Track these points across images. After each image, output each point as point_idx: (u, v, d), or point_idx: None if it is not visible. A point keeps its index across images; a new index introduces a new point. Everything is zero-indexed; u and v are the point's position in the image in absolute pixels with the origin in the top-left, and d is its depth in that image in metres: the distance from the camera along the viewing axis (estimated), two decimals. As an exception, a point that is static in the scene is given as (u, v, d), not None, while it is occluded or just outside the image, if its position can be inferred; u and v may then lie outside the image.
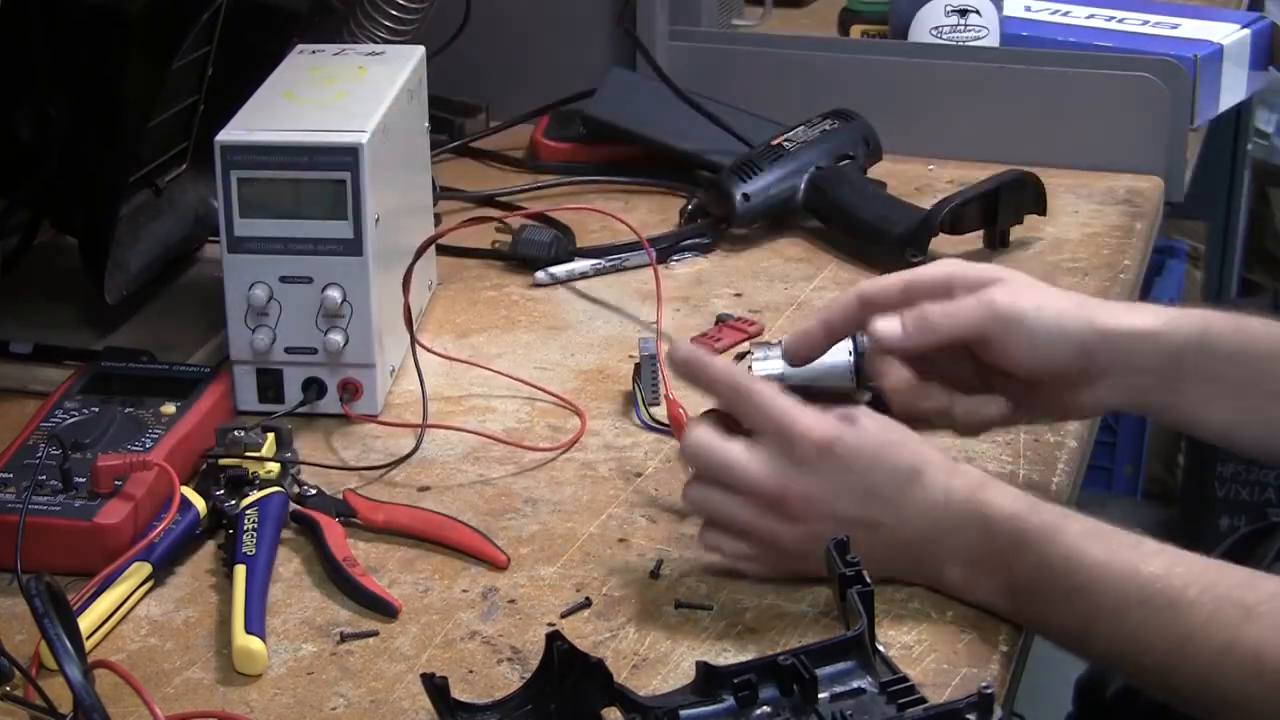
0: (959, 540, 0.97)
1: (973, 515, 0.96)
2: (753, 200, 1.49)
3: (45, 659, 0.91)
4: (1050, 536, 0.94)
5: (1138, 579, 0.91)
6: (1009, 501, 0.96)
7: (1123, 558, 0.92)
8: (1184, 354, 1.03)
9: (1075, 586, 0.92)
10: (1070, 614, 0.93)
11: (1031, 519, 0.95)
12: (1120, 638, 0.91)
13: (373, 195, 1.16)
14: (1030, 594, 0.95)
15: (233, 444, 1.09)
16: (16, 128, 1.29)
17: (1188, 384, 1.04)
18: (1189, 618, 0.89)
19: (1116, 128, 1.64)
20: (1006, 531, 0.95)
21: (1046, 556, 0.93)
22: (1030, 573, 0.94)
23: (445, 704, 0.85)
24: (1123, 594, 0.91)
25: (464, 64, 1.70)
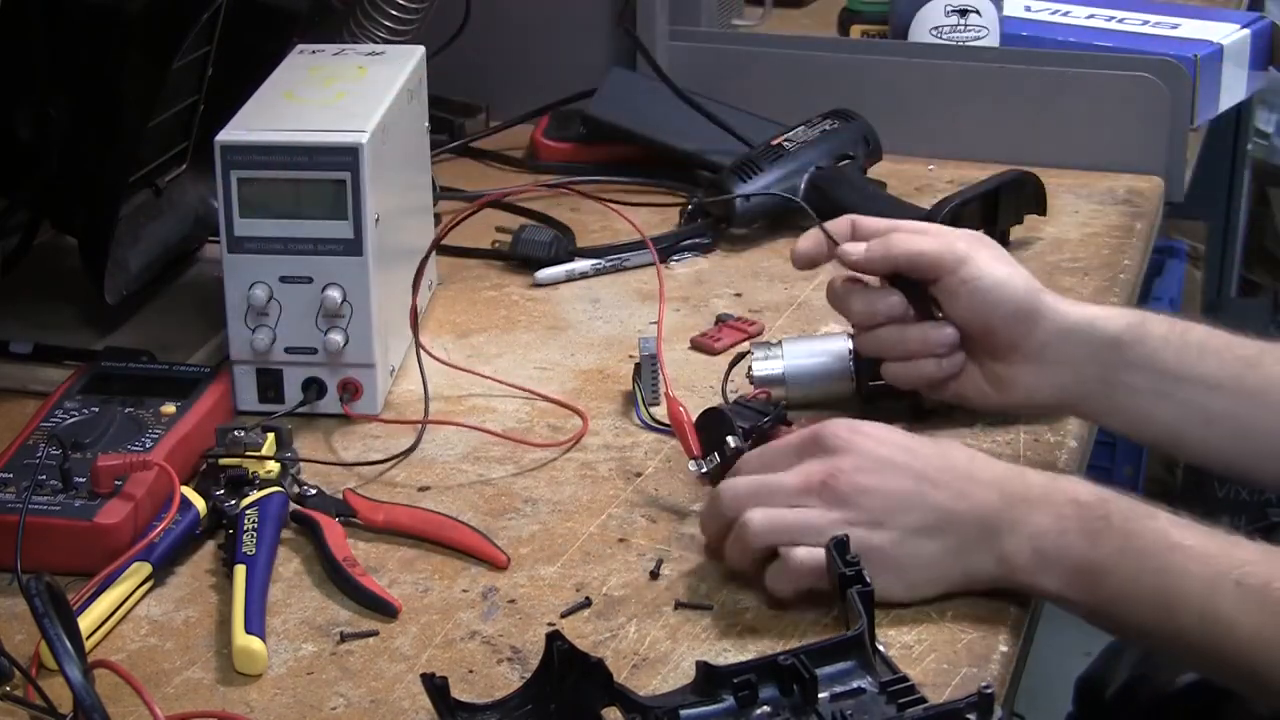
0: (1038, 516, 0.95)
1: (1054, 493, 0.96)
2: (753, 200, 1.49)
3: (45, 659, 0.91)
4: (1141, 516, 0.94)
5: (1231, 561, 0.91)
6: (1094, 486, 0.96)
7: (1215, 542, 0.93)
8: (1120, 340, 1.06)
9: (1167, 564, 0.92)
10: (1155, 592, 0.92)
11: (1120, 501, 0.95)
12: (1207, 618, 0.91)
13: (373, 195, 1.16)
14: (1111, 572, 0.94)
15: (233, 444, 1.09)
16: (16, 128, 1.29)
17: (1126, 372, 1.05)
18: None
19: (1116, 128, 1.64)
20: (1094, 509, 0.95)
21: (1136, 535, 0.93)
22: (1117, 550, 0.93)
23: (445, 704, 0.85)
24: (1216, 573, 0.91)
25: (464, 64, 1.70)
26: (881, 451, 0.98)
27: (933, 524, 0.97)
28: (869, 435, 0.99)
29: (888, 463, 0.98)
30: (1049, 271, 1.44)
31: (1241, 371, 1.06)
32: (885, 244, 1.11)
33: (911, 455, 0.98)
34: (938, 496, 0.97)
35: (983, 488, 0.97)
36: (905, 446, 0.99)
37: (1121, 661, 1.46)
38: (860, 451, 0.98)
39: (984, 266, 1.08)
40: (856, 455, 0.98)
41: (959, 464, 0.98)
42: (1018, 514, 0.96)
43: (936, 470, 0.97)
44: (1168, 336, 1.07)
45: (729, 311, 1.37)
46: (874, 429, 1.00)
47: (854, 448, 0.98)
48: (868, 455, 0.98)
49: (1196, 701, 1.32)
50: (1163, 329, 1.07)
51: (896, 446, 0.98)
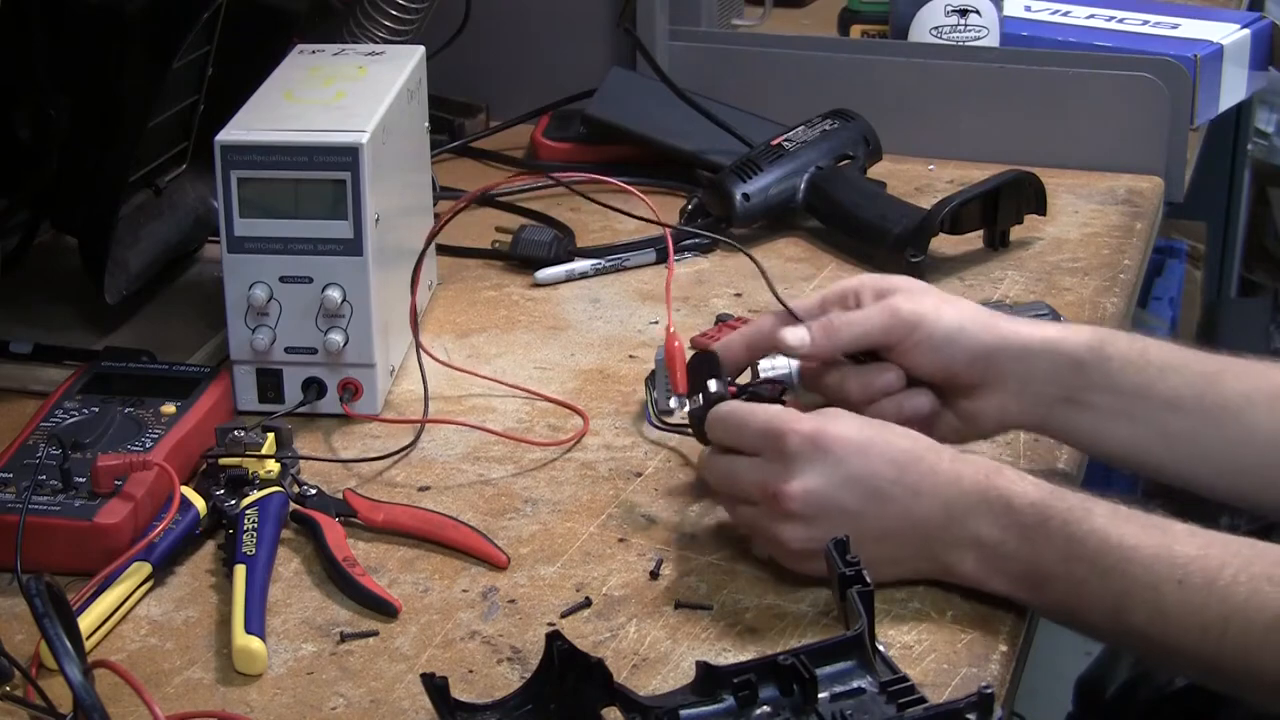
0: (976, 525, 0.96)
1: (992, 500, 0.96)
2: (753, 200, 1.49)
3: (45, 659, 0.91)
4: (1079, 519, 0.93)
5: (1173, 559, 0.91)
6: (1029, 487, 0.96)
7: (1155, 539, 0.92)
8: (1082, 361, 1.06)
9: (1109, 568, 0.92)
10: (1103, 597, 0.93)
11: (1056, 503, 0.94)
12: (1156, 618, 0.91)
13: (373, 195, 1.16)
14: (1056, 579, 0.94)
15: (233, 444, 1.09)
16: (16, 128, 1.29)
17: (1087, 393, 1.05)
18: (1228, 597, 0.89)
19: (1116, 128, 1.64)
20: (1031, 516, 0.95)
21: (1076, 539, 0.93)
22: (1058, 557, 0.94)
23: (445, 704, 0.85)
24: (1159, 575, 0.91)
25: (464, 64, 1.70)
26: (838, 467, 0.98)
27: (875, 535, 0.97)
28: (829, 444, 0.98)
29: (842, 481, 0.97)
30: (1049, 271, 1.44)
31: (1202, 389, 1.06)
32: (827, 330, 1.08)
33: (864, 468, 0.98)
34: (884, 512, 0.97)
35: (924, 501, 0.97)
36: (860, 456, 0.98)
37: (1121, 661, 1.46)
38: (817, 468, 0.98)
39: (933, 324, 1.06)
40: (813, 474, 0.98)
41: (907, 473, 0.97)
42: (957, 526, 0.97)
43: (886, 483, 0.97)
44: (1128, 356, 1.06)
45: (729, 311, 1.37)
46: (836, 432, 0.98)
47: (813, 463, 0.98)
48: (823, 474, 0.98)
49: (1196, 701, 1.33)
50: (1123, 349, 1.07)
51: (852, 456, 0.98)
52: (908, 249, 1.42)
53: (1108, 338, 1.07)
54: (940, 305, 1.07)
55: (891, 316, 1.07)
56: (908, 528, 0.98)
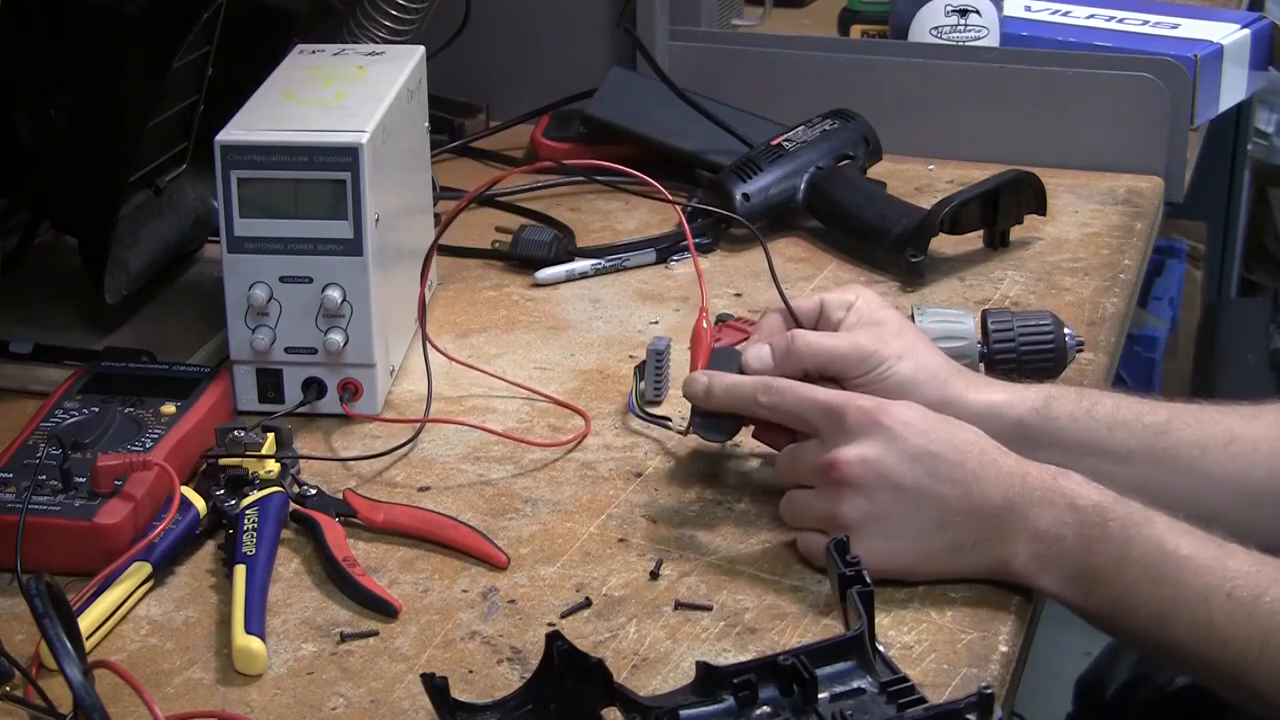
0: (1037, 518, 0.96)
1: (1055, 497, 0.96)
2: (753, 200, 1.49)
3: (45, 659, 0.91)
4: (1139, 524, 0.95)
5: (1225, 573, 0.92)
6: (1093, 490, 0.97)
7: (1210, 552, 0.93)
8: (1026, 424, 1.06)
9: (1161, 574, 0.93)
10: (1150, 601, 0.93)
11: (1118, 508, 0.96)
12: (1201, 629, 0.92)
13: (373, 195, 1.16)
14: (1107, 580, 0.95)
15: (233, 444, 1.09)
16: (16, 128, 1.29)
17: (1034, 451, 1.04)
18: (1271, 615, 0.90)
19: (1116, 128, 1.64)
20: (1093, 515, 0.95)
21: (1133, 542, 0.94)
22: (1113, 558, 0.94)
23: (445, 704, 0.85)
24: (1209, 586, 0.92)
25: (464, 64, 1.70)
26: (895, 442, 0.99)
27: (934, 520, 0.98)
28: (889, 422, 0.99)
29: (900, 456, 0.98)
30: (1049, 271, 1.44)
31: (1152, 440, 1.06)
32: (789, 354, 1.09)
33: (924, 447, 0.99)
34: (942, 493, 0.98)
35: (987, 487, 0.98)
36: (921, 436, 0.99)
37: (1121, 661, 1.46)
38: (876, 440, 0.99)
39: (888, 369, 1.07)
40: (871, 444, 0.99)
41: (969, 459, 0.98)
42: (1017, 517, 0.97)
43: (946, 466, 0.98)
44: (1074, 414, 1.07)
45: (729, 311, 1.37)
46: (896, 413, 1.00)
47: (872, 435, 0.99)
48: (881, 445, 0.99)
49: (1196, 702, 1.33)
50: (1069, 407, 1.07)
51: (911, 435, 0.99)
52: (908, 249, 1.41)
53: (1055, 395, 1.08)
54: (903, 353, 1.08)
55: (853, 350, 1.08)
56: (967, 513, 0.98)
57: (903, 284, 1.41)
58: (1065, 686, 1.52)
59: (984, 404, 1.07)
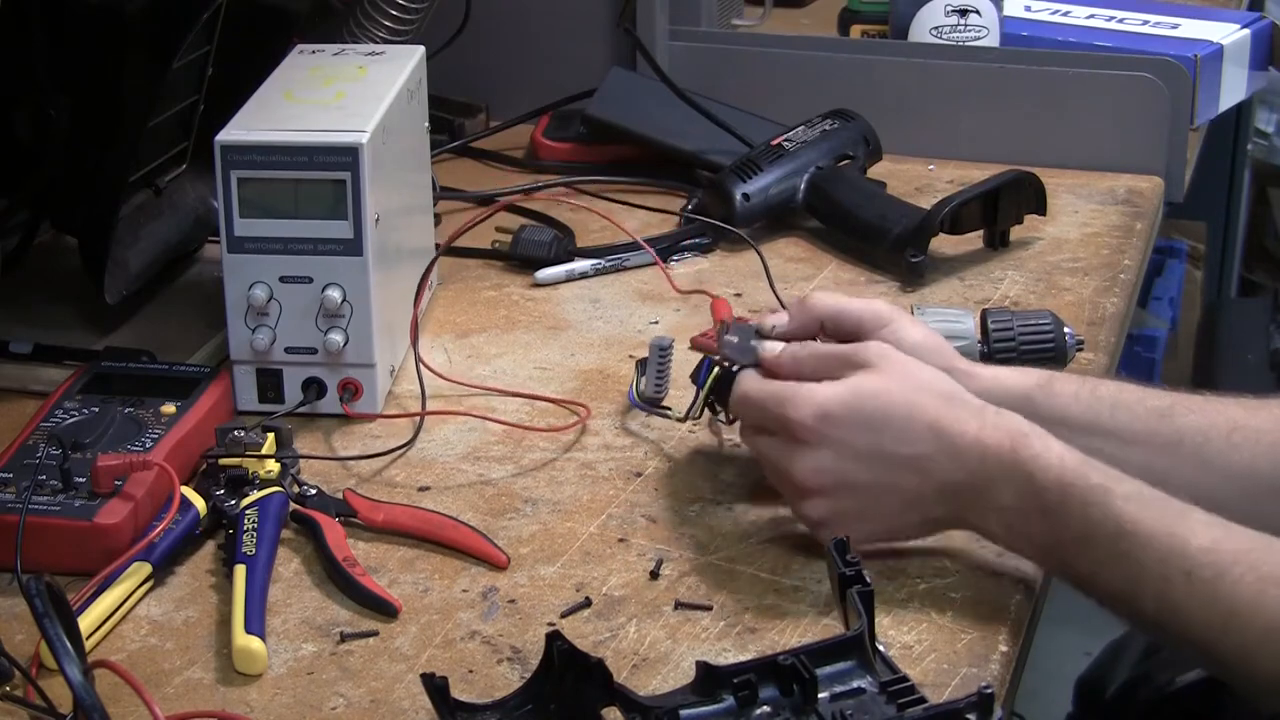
0: (1000, 495, 0.96)
1: (1016, 473, 0.96)
2: (753, 200, 1.49)
3: (45, 659, 0.91)
4: (1099, 500, 0.94)
5: (1185, 551, 0.91)
6: (1054, 460, 0.95)
7: (1172, 528, 0.92)
8: (1030, 396, 1.07)
9: (1122, 552, 0.93)
10: (1117, 579, 0.94)
11: (1078, 481, 0.95)
12: (1165, 607, 0.92)
13: (373, 195, 1.16)
14: (1076, 555, 0.95)
15: (233, 444, 1.09)
16: (16, 128, 1.29)
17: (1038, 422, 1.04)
18: (1233, 596, 0.90)
19: (1116, 128, 1.64)
20: (1053, 492, 0.95)
21: (1094, 521, 0.93)
22: (1075, 537, 0.94)
23: (445, 704, 0.85)
24: (1170, 565, 0.91)
25: (464, 64, 1.70)
26: (843, 447, 0.99)
27: (898, 505, 0.99)
28: (832, 431, 0.99)
29: (851, 458, 0.99)
30: (1049, 271, 1.44)
31: (1154, 425, 1.06)
32: (805, 305, 1.10)
33: (874, 445, 0.99)
34: (901, 483, 0.99)
35: (946, 467, 0.98)
36: (868, 433, 0.99)
37: (1121, 661, 1.46)
38: (824, 449, 0.99)
39: (903, 329, 1.08)
40: (821, 453, 0.99)
41: (923, 442, 0.98)
42: (980, 494, 0.97)
43: (900, 457, 0.98)
44: (1078, 393, 1.07)
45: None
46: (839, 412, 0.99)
47: (816, 444, 0.99)
48: (830, 453, 0.99)
49: (1196, 702, 1.32)
50: (1072, 387, 1.08)
51: (859, 435, 0.99)
52: (908, 249, 1.42)
53: (1057, 377, 1.09)
54: (910, 323, 1.09)
55: (867, 307, 1.09)
56: (931, 494, 0.99)
57: (903, 284, 1.41)
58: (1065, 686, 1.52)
59: (989, 377, 1.07)
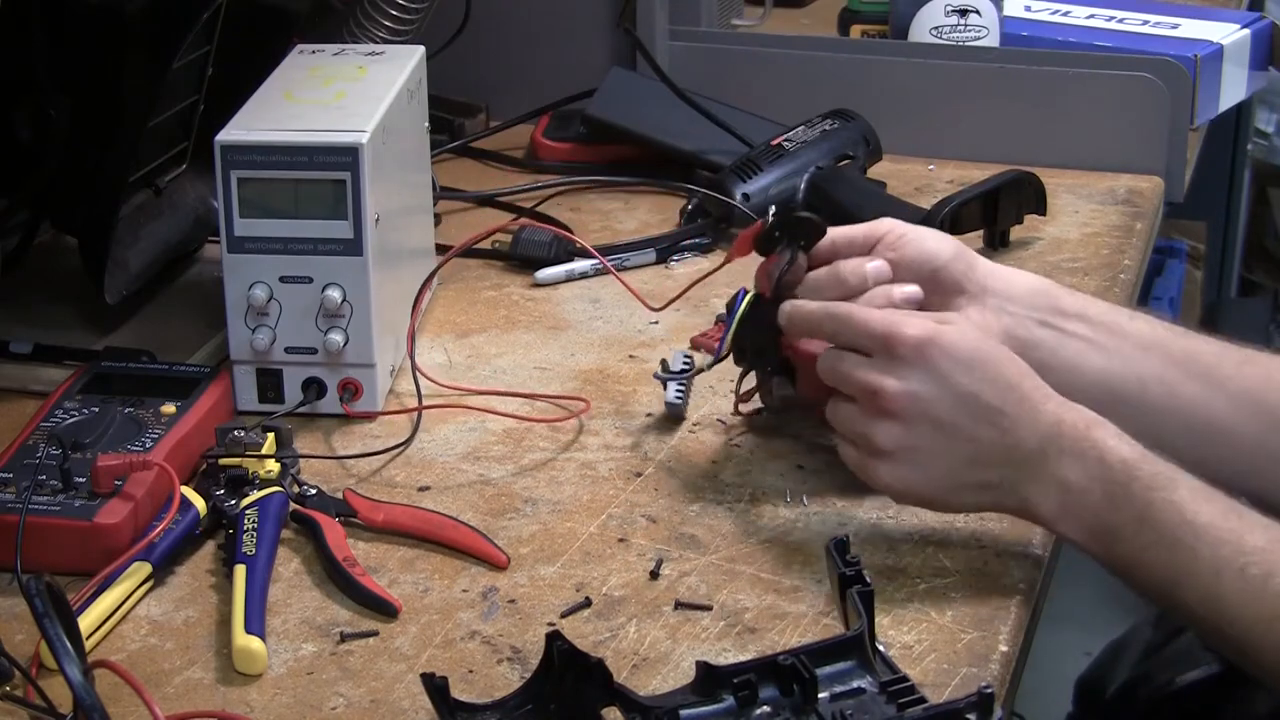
0: (1067, 468, 0.97)
1: (1086, 449, 0.97)
2: (753, 200, 1.49)
3: (45, 659, 0.91)
4: (1163, 486, 0.95)
5: (1240, 547, 0.92)
6: (1125, 445, 0.97)
7: (1229, 524, 0.93)
8: (1051, 289, 1.10)
9: (1176, 540, 0.93)
10: (1164, 566, 0.94)
11: (1146, 467, 0.96)
12: (1210, 599, 0.92)
13: (373, 195, 1.16)
14: (1127, 539, 0.95)
15: (233, 444, 1.09)
16: (16, 128, 1.29)
17: (1062, 319, 1.08)
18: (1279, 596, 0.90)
19: (1116, 128, 1.64)
20: (1119, 472, 0.96)
21: (1154, 505, 0.94)
22: (1133, 518, 0.95)
23: (445, 704, 0.85)
24: (1223, 559, 0.92)
25: (464, 64, 1.70)
26: (941, 380, 0.99)
27: (967, 457, 0.99)
28: (938, 358, 0.99)
29: (943, 394, 0.99)
30: (1049, 271, 1.43)
31: (1170, 338, 1.09)
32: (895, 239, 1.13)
33: (968, 388, 0.99)
34: (979, 434, 0.99)
35: (1023, 430, 0.98)
36: (967, 374, 0.99)
37: (1121, 661, 1.46)
38: (923, 375, 1.00)
39: (913, 228, 1.12)
40: (917, 379, 1.00)
41: (1009, 402, 0.99)
42: (1048, 464, 0.98)
43: (986, 408, 0.99)
44: (1096, 299, 1.11)
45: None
46: (947, 345, 1.00)
47: (920, 369, 1.00)
48: (927, 381, 0.99)
49: (1196, 702, 1.32)
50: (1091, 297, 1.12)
51: (959, 373, 0.99)
52: (908, 249, 1.41)
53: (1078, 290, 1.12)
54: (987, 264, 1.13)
55: (871, 223, 1.13)
56: (1000, 454, 0.99)
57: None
58: (1065, 686, 1.52)
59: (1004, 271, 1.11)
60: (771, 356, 1.12)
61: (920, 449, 1.00)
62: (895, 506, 1.08)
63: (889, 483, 1.02)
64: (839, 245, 1.12)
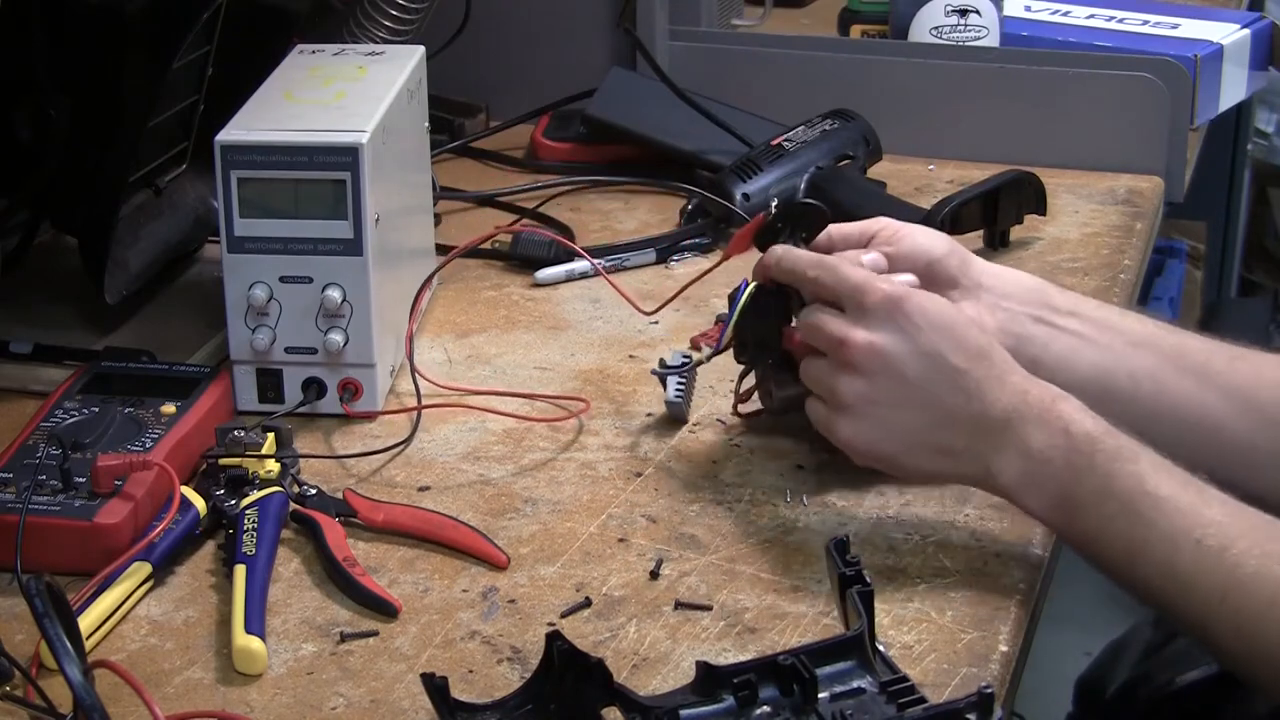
0: (1031, 436, 0.97)
1: (1051, 419, 0.97)
2: (753, 200, 1.49)
3: (45, 659, 0.91)
4: (1125, 458, 0.95)
5: (1198, 519, 0.92)
6: (1089, 419, 0.97)
7: (1189, 496, 0.93)
8: (1045, 286, 1.12)
9: (1135, 512, 0.93)
10: (1123, 538, 0.94)
11: (1109, 440, 0.96)
12: (1167, 573, 0.92)
13: (373, 195, 1.16)
14: (1087, 510, 0.95)
15: (233, 444, 1.09)
16: (16, 128, 1.29)
17: (1056, 315, 1.09)
18: (1237, 568, 0.90)
19: (1116, 128, 1.64)
20: (1082, 442, 0.96)
21: (1115, 477, 0.94)
22: (1094, 489, 0.95)
23: (445, 704, 0.85)
24: (1180, 530, 0.92)
25: (464, 64, 1.70)
26: (909, 335, 1.00)
27: (929, 419, 0.99)
28: (909, 311, 1.00)
29: (910, 349, 0.99)
30: (1049, 271, 1.44)
31: (1161, 334, 1.09)
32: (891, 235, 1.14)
33: (935, 346, 0.99)
34: (942, 395, 0.99)
35: (989, 396, 0.98)
36: (935, 332, 1.00)
37: (1121, 661, 1.46)
38: (891, 329, 1.00)
39: (907, 225, 1.13)
40: (885, 332, 1.00)
41: (976, 367, 0.99)
42: (1013, 432, 0.98)
43: (953, 369, 0.99)
44: (1089, 299, 1.12)
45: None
46: (919, 303, 1.00)
47: (888, 322, 1.00)
48: (894, 335, 1.00)
49: (1196, 702, 1.33)
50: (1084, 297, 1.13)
51: (927, 330, 0.99)
52: (908, 249, 1.41)
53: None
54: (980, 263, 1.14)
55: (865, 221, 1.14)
56: (965, 418, 0.99)
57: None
58: (1065, 686, 1.52)
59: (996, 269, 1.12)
60: (774, 349, 1.12)
61: (880, 403, 1.00)
62: (895, 506, 1.08)
63: (848, 436, 1.02)
64: (835, 241, 1.13)
